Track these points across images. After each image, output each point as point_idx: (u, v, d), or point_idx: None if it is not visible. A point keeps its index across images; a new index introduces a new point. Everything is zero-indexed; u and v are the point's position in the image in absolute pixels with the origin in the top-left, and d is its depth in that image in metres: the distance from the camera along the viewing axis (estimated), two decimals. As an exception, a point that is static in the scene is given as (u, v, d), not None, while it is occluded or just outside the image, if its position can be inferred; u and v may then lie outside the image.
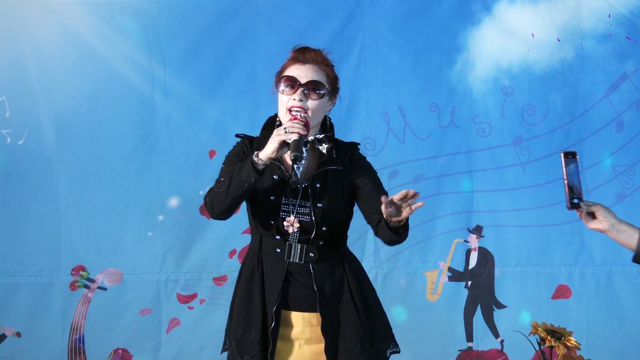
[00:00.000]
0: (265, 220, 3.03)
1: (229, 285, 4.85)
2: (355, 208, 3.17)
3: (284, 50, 4.74)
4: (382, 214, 2.85)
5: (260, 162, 2.88)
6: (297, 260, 3.02)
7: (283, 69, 3.12)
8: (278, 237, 3.03)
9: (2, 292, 4.81)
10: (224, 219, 3.05)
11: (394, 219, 2.82)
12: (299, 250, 3.01)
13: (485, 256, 4.96)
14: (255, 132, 3.23)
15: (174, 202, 4.88)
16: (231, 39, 4.88)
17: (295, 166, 3.02)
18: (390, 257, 4.93)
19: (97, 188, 4.84)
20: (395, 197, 2.76)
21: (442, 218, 4.96)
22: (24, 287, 4.82)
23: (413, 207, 2.78)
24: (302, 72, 3.05)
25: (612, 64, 4.91)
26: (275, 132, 2.89)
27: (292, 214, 3.01)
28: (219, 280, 4.89)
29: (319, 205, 2.99)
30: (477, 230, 4.95)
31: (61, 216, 4.83)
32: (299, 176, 3.03)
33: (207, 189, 4.78)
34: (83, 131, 4.83)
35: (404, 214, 2.79)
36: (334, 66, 3.16)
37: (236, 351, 3.00)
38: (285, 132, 2.86)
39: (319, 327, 3.01)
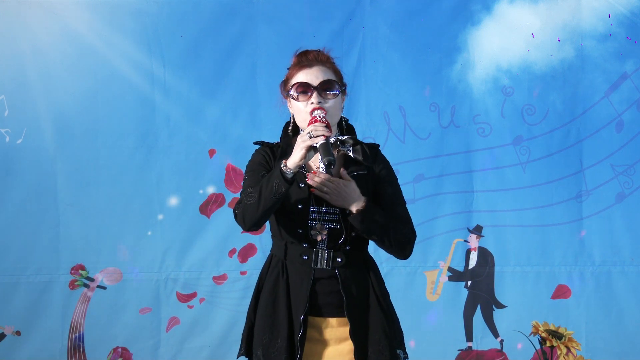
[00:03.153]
0: (292, 228, 2.99)
1: (229, 284, 4.88)
2: None
3: (284, 50, 4.79)
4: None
5: (289, 171, 2.84)
6: (324, 267, 2.98)
7: (290, 76, 3.05)
8: (305, 245, 2.99)
9: (2, 291, 4.83)
10: (256, 229, 2.98)
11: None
12: (326, 256, 2.97)
13: (485, 256, 4.96)
14: (256, 133, 3.23)
15: (173, 201, 4.89)
16: (231, 39, 4.89)
17: (323, 172, 2.98)
18: (390, 256, 4.87)
19: (97, 187, 4.85)
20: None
21: (442, 218, 4.96)
22: (24, 286, 4.83)
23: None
24: (312, 76, 2.99)
25: (612, 63, 4.91)
26: (300, 138, 2.84)
27: (320, 221, 2.98)
28: (219, 279, 4.89)
29: (347, 211, 2.96)
30: (477, 230, 4.95)
31: (60, 215, 4.84)
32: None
33: (207, 187, 4.94)
34: (82, 130, 4.84)
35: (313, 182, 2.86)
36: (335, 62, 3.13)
37: (262, 359, 2.96)
38: (310, 137, 2.82)
39: (340, 328, 3.00)
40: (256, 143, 3.14)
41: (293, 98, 3.01)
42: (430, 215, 4.94)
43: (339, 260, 2.98)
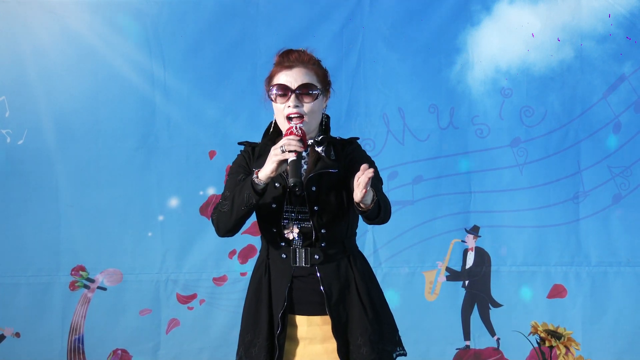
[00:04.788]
0: (269, 228, 3.04)
1: (229, 286, 4.89)
2: None
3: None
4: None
5: (260, 182, 2.88)
6: (302, 264, 3.01)
7: (271, 76, 3.09)
8: (282, 244, 3.03)
9: (2, 292, 4.84)
10: (231, 236, 3.05)
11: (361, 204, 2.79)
12: (303, 254, 3.01)
13: (482, 256, 4.98)
14: (256, 134, 3.24)
15: (173, 202, 4.89)
16: (231, 39, 4.88)
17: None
18: (389, 257, 4.95)
19: (97, 188, 4.86)
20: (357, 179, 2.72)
21: (441, 219, 4.97)
22: (24, 287, 4.84)
23: (362, 184, 2.70)
24: (291, 77, 3.02)
25: (610, 65, 4.91)
26: (273, 150, 2.86)
27: (292, 220, 3.01)
28: (219, 280, 4.91)
29: (315, 208, 2.98)
30: (474, 231, 4.97)
31: (61, 216, 4.85)
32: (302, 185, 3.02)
33: (207, 189, 4.95)
34: (83, 131, 4.84)
35: (356, 196, 2.74)
36: (320, 61, 3.12)
37: (244, 358, 3.01)
38: (282, 151, 2.84)
39: (324, 326, 3.02)
40: (240, 143, 3.20)
41: (272, 99, 3.05)
42: (428, 216, 4.95)
43: (317, 257, 3.01)
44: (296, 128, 2.91)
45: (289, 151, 2.83)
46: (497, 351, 4.97)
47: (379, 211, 2.87)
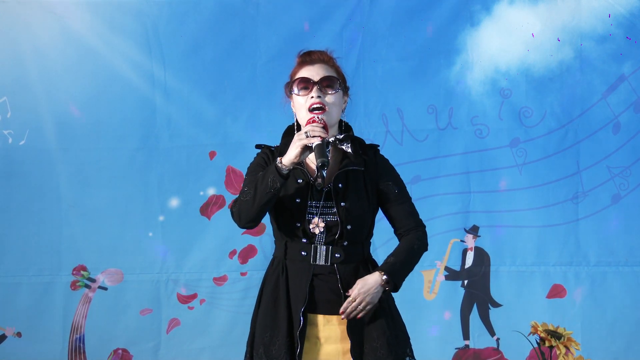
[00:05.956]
0: (291, 224, 3.03)
1: (229, 286, 4.89)
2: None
3: (284, 50, 4.78)
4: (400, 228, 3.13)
5: (284, 167, 2.90)
6: (322, 262, 3.02)
7: (293, 75, 3.12)
8: (304, 240, 3.02)
9: (3, 292, 4.84)
10: (252, 227, 3.04)
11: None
12: (324, 251, 3.01)
13: (481, 256, 4.99)
14: (256, 134, 3.25)
15: (174, 202, 4.90)
16: (231, 39, 4.88)
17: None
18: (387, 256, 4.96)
19: (98, 188, 4.86)
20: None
21: (439, 218, 4.97)
22: (25, 287, 4.85)
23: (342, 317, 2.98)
24: (314, 72, 3.06)
25: (610, 65, 4.92)
26: (297, 136, 2.90)
27: (317, 215, 3.01)
28: (219, 280, 4.91)
29: (342, 204, 3.00)
30: (474, 230, 4.98)
31: (62, 216, 4.85)
32: (324, 177, 3.04)
33: (208, 189, 4.95)
34: (84, 132, 4.85)
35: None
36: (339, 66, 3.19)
37: (264, 357, 3.00)
38: (307, 136, 2.88)
39: (340, 326, 3.04)
40: (257, 146, 3.18)
41: (294, 93, 3.06)
42: (427, 216, 4.88)
43: (337, 255, 3.02)
44: (318, 118, 2.96)
45: (314, 136, 2.87)
46: (496, 351, 4.98)
47: (410, 264, 3.17)
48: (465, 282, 4.98)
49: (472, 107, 4.96)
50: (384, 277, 3.02)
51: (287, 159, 2.90)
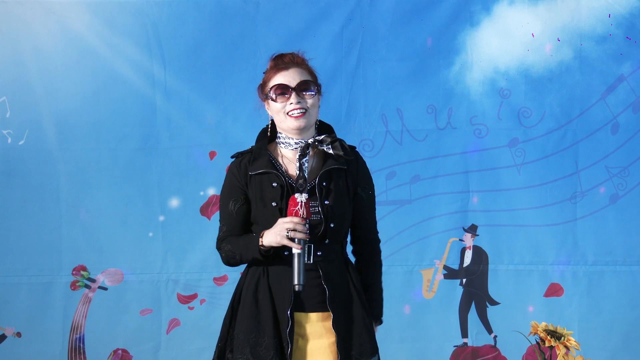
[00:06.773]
0: (270, 226, 3.04)
1: (230, 285, 4.88)
2: None
3: (284, 50, 4.76)
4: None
5: (264, 249, 3.02)
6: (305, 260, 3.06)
7: (267, 79, 3.17)
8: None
9: (3, 292, 4.84)
10: None
11: None
12: (306, 250, 3.02)
13: (479, 254, 5.01)
14: (256, 134, 3.26)
15: (174, 202, 4.90)
16: (231, 39, 4.88)
17: (303, 168, 3.07)
18: (387, 256, 4.88)
19: (98, 188, 4.86)
20: None
21: (438, 218, 4.99)
22: (25, 287, 4.84)
23: None
24: (290, 77, 3.11)
25: (609, 65, 4.92)
26: (282, 226, 2.95)
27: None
28: (220, 280, 4.92)
29: (326, 202, 3.05)
30: (472, 229, 5.00)
31: (62, 216, 4.85)
32: (306, 178, 3.07)
33: (208, 189, 4.94)
34: (84, 132, 4.84)
35: None
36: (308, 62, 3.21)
37: (251, 356, 3.03)
38: (288, 237, 2.94)
39: (324, 322, 3.08)
40: (232, 157, 3.27)
41: (272, 100, 3.12)
42: (426, 215, 4.98)
43: (319, 253, 3.07)
44: (301, 206, 2.98)
45: (296, 238, 2.94)
46: (494, 349, 5.00)
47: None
48: (464, 280, 5.00)
49: (471, 107, 4.97)
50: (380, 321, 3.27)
51: (267, 242, 3.00)
